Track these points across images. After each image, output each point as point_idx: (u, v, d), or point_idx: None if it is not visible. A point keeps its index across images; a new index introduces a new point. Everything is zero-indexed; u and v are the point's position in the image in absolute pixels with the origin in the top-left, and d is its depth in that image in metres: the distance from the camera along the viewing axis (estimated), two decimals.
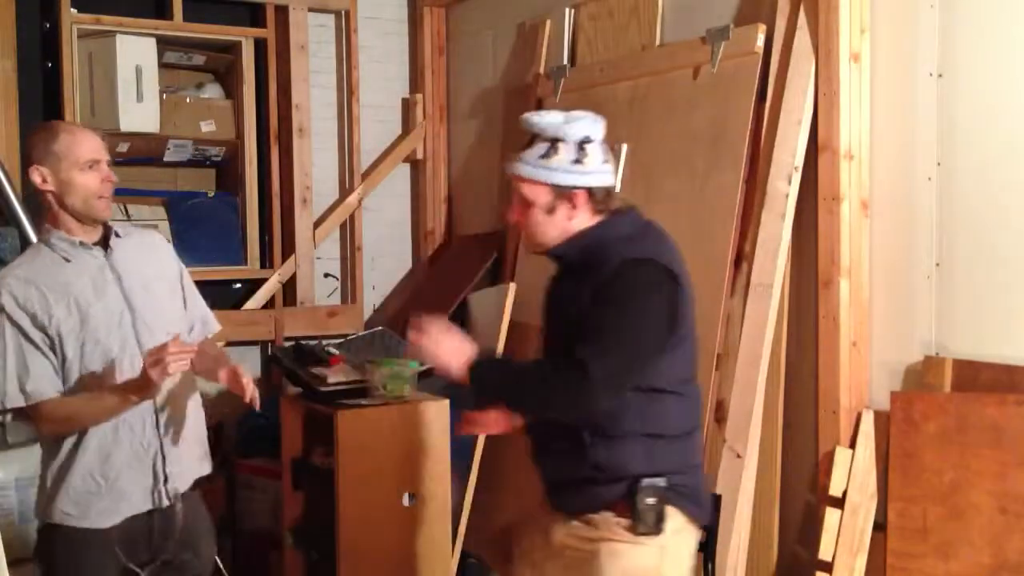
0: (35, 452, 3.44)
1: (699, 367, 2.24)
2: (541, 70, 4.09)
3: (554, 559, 2.19)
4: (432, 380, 4.20)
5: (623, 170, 3.56)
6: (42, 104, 4.14)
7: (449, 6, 4.80)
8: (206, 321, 2.67)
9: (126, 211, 4.33)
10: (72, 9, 4.10)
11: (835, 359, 2.80)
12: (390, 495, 3.58)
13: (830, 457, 2.79)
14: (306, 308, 4.54)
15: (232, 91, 4.60)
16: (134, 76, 4.18)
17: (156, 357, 2.19)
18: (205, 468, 2.54)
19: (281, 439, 3.93)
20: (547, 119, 2.10)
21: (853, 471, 2.75)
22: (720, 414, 3.03)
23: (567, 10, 3.95)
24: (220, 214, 4.57)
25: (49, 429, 2.32)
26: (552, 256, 2.19)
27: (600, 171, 2.11)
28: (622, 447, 2.05)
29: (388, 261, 4.89)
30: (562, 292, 2.19)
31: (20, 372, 2.26)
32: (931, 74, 2.69)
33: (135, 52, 4.21)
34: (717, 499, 2.86)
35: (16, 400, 2.26)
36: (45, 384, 2.27)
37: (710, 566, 2.83)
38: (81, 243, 2.35)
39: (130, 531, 2.36)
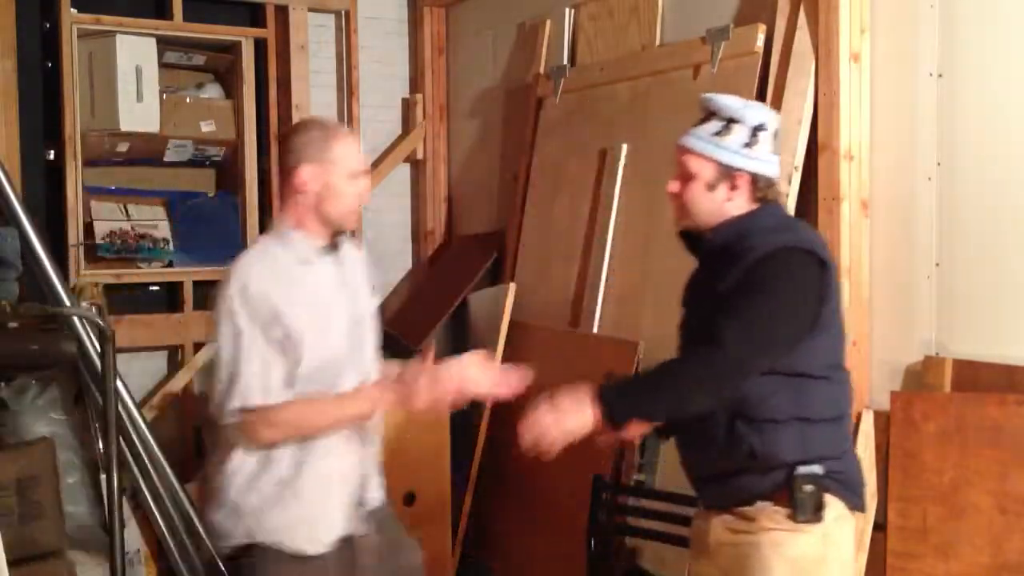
0: (35, 451, 3.46)
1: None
2: (541, 70, 4.09)
3: (712, 557, 2.14)
4: None
5: (622, 170, 3.57)
6: (42, 104, 4.14)
7: (449, 6, 4.80)
8: None
9: (126, 211, 4.34)
10: (72, 9, 4.10)
11: None
12: (390, 495, 3.57)
13: None
14: None
15: (232, 91, 4.60)
16: (134, 76, 4.18)
17: (435, 381, 2.11)
18: (382, 495, 2.41)
19: None
20: (728, 99, 2.12)
21: None
22: None
23: (567, 10, 3.95)
24: (220, 214, 4.57)
25: (272, 435, 2.16)
26: (695, 241, 2.18)
27: (767, 160, 2.10)
28: (775, 433, 2.02)
29: (388, 261, 4.88)
30: (703, 282, 2.17)
31: (263, 370, 2.13)
32: (931, 74, 2.69)
33: (135, 52, 4.21)
34: None
35: (258, 397, 2.11)
36: (280, 386, 2.14)
37: None
38: (321, 248, 2.26)
39: (333, 558, 2.24)
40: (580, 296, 3.69)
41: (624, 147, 3.56)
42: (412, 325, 4.36)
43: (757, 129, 2.08)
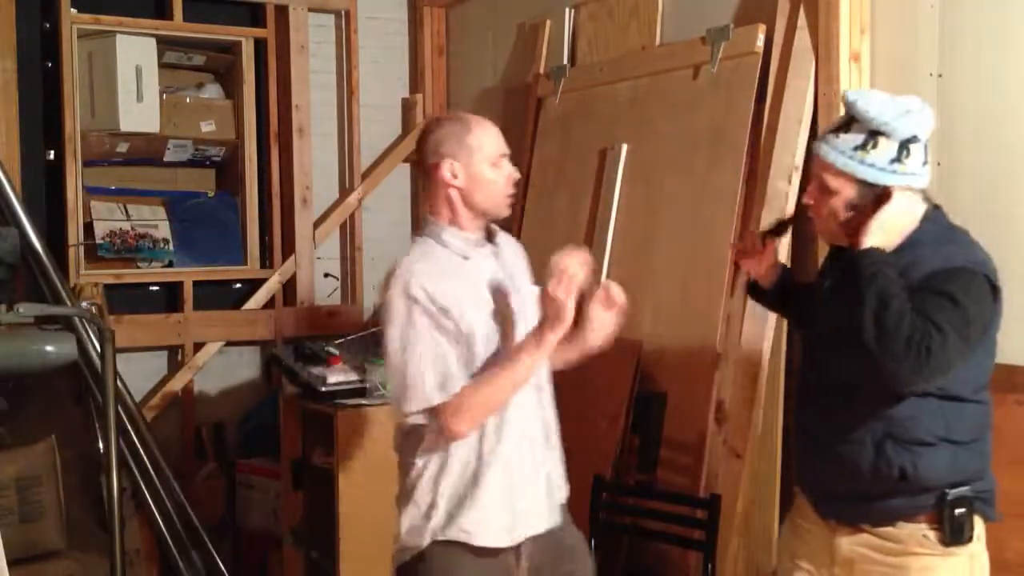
0: (35, 451, 3.46)
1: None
2: (541, 70, 4.09)
3: (836, 570, 2.08)
4: None
5: (622, 170, 3.57)
6: (42, 104, 4.14)
7: (449, 6, 4.80)
8: None
9: (126, 211, 4.34)
10: (72, 9, 4.09)
11: None
12: (390, 495, 3.57)
13: None
14: (306, 308, 4.54)
15: (232, 91, 4.60)
16: (134, 76, 4.18)
17: (557, 277, 2.03)
18: (566, 492, 2.36)
19: (281, 439, 3.93)
20: (875, 106, 1.89)
21: None
22: (720, 414, 3.02)
23: (567, 10, 3.95)
24: (220, 214, 4.57)
25: (464, 425, 2.12)
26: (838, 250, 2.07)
27: (918, 173, 1.92)
28: (927, 456, 1.94)
29: (388, 261, 4.87)
30: (846, 287, 1.98)
31: (438, 367, 2.11)
32: (931, 74, 2.69)
33: (135, 52, 4.21)
34: (717, 499, 2.86)
35: (436, 397, 2.10)
36: (459, 380, 2.12)
37: (710, 566, 2.84)
38: (476, 240, 2.25)
39: (526, 552, 2.23)
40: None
41: (624, 147, 3.56)
42: None
43: (908, 142, 1.90)
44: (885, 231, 1.95)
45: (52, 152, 4.18)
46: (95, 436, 3.66)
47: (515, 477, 2.21)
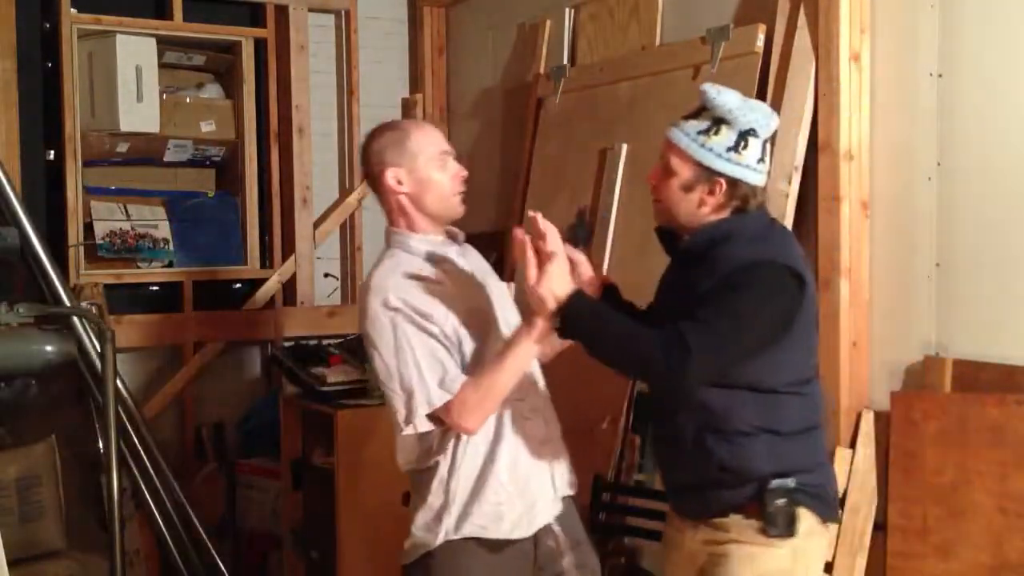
0: (35, 451, 3.46)
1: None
2: (541, 70, 4.09)
3: (687, 567, 2.14)
4: None
5: (622, 170, 3.57)
6: (42, 104, 4.14)
7: (449, 6, 4.80)
8: None
9: (126, 211, 4.34)
10: (72, 9, 4.10)
11: (835, 359, 2.79)
12: (390, 495, 3.58)
13: (830, 457, 2.78)
14: (306, 308, 4.54)
15: (232, 91, 4.60)
16: (134, 76, 4.18)
17: (528, 257, 2.00)
18: (571, 480, 2.35)
19: (281, 439, 3.93)
20: (723, 97, 2.00)
21: (853, 471, 2.75)
22: None
23: (567, 10, 3.95)
24: (220, 214, 4.57)
25: (475, 419, 2.12)
26: (671, 239, 2.16)
27: (752, 168, 2.01)
28: (744, 445, 1.99)
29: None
30: (676, 281, 2.15)
31: (435, 369, 2.11)
32: (931, 74, 2.69)
33: (135, 52, 4.21)
34: None
35: (440, 397, 2.10)
36: (457, 378, 2.12)
37: None
38: (441, 242, 2.28)
39: (542, 541, 2.25)
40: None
41: (624, 147, 3.56)
42: None
43: (746, 134, 1.99)
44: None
45: (52, 152, 4.18)
46: (95, 436, 3.67)
47: (522, 467, 2.22)
